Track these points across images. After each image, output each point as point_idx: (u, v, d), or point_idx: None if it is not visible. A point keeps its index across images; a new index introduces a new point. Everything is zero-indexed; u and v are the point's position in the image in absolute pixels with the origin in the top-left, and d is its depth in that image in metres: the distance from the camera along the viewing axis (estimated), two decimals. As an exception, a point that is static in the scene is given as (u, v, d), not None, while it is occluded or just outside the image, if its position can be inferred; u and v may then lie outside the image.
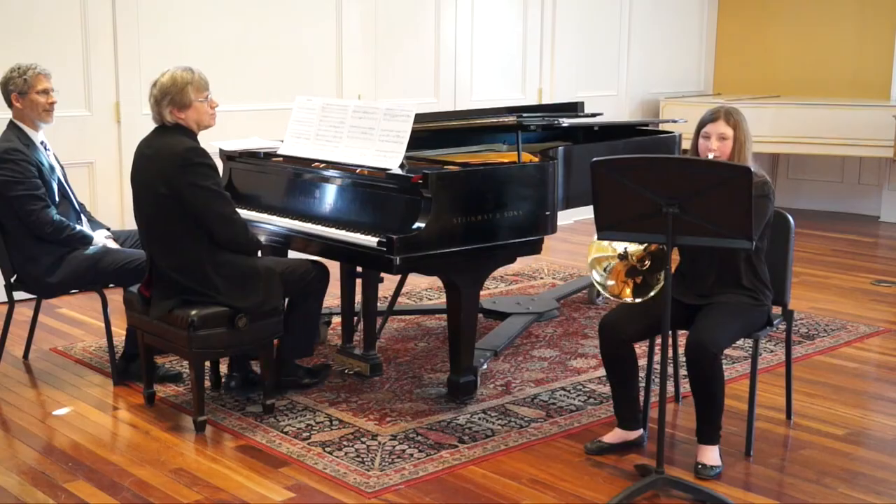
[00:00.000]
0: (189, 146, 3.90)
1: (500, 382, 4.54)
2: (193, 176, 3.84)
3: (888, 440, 3.98)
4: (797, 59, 8.72)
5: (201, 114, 4.00)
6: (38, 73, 4.38)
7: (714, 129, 3.66)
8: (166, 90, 3.94)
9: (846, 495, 3.49)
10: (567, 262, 7.02)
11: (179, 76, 3.96)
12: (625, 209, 3.39)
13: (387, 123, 4.29)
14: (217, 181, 3.93)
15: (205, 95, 4.01)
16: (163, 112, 3.96)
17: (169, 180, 3.85)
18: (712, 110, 3.73)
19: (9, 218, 4.32)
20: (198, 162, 3.87)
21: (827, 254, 7.19)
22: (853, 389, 4.54)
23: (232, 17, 6.49)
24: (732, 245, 3.32)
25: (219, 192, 3.92)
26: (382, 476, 3.56)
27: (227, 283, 3.92)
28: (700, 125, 3.72)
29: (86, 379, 4.59)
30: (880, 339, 5.32)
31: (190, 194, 3.84)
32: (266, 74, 6.62)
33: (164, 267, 3.94)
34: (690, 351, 3.56)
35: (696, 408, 3.68)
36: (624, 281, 3.65)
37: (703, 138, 3.69)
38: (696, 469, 3.61)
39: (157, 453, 3.78)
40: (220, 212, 3.90)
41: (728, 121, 3.66)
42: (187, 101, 3.95)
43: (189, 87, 3.95)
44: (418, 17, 7.51)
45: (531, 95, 8.28)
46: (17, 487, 3.48)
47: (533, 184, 4.32)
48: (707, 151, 3.65)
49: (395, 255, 3.93)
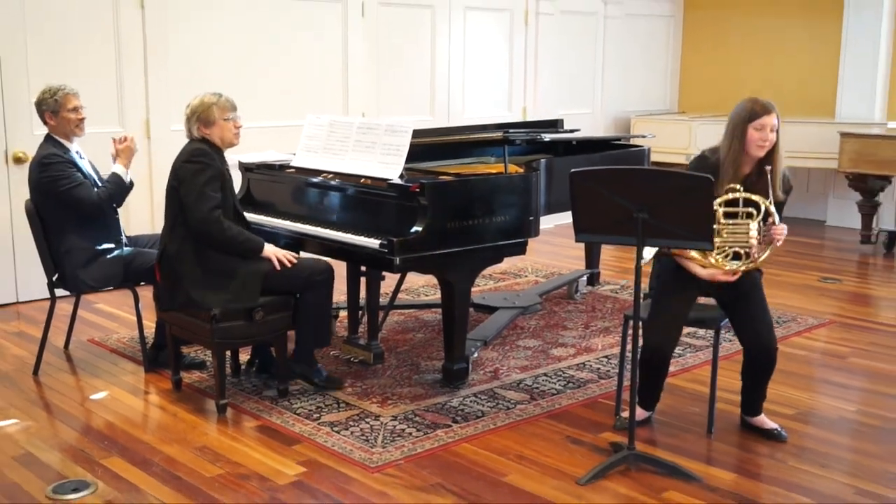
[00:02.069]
0: (197, 147, 3.98)
1: (490, 369, 4.55)
2: (189, 167, 3.93)
3: (832, 419, 4.00)
4: (752, 80, 8.73)
5: (225, 131, 4.04)
6: (66, 94, 4.37)
7: (770, 120, 3.49)
8: (195, 109, 4.03)
9: (795, 468, 3.50)
10: (549, 261, 7.03)
11: (207, 98, 4.05)
12: (600, 214, 3.39)
13: (388, 138, 4.30)
14: (207, 178, 3.91)
15: (229, 115, 4.05)
16: (192, 128, 4.04)
17: (175, 172, 3.99)
18: (763, 103, 3.52)
19: (50, 213, 4.31)
20: (196, 159, 3.94)
21: (780, 254, 7.18)
22: (802, 374, 4.56)
23: (249, 43, 6.49)
24: (695, 247, 3.34)
25: (199, 185, 3.90)
26: (384, 452, 3.57)
27: (204, 276, 3.94)
28: (751, 117, 3.50)
29: (120, 367, 4.59)
30: (826, 329, 5.34)
31: (181, 186, 3.93)
32: (279, 94, 6.62)
33: (168, 254, 4.02)
34: (762, 354, 3.62)
35: (752, 390, 3.73)
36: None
37: (755, 130, 3.49)
38: (777, 433, 3.70)
39: (183, 433, 3.78)
40: (192, 203, 3.89)
41: (777, 114, 3.53)
42: (212, 119, 4.00)
43: (214, 107, 4.01)
44: (415, 44, 7.52)
45: (516, 113, 8.28)
46: (59, 463, 3.49)
47: (518, 192, 4.33)
48: (761, 141, 3.50)
49: (396, 256, 3.93)
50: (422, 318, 5.47)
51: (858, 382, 4.49)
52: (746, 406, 3.83)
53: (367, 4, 7.08)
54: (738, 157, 3.56)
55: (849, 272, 6.75)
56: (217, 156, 4.02)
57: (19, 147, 5.55)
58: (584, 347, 4.92)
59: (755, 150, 3.54)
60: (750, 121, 3.52)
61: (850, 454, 3.65)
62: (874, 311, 5.83)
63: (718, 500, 3.24)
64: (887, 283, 6.49)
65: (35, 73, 5.47)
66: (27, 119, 5.33)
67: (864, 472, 3.47)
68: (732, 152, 3.56)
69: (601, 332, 5.20)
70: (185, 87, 6.17)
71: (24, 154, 5.46)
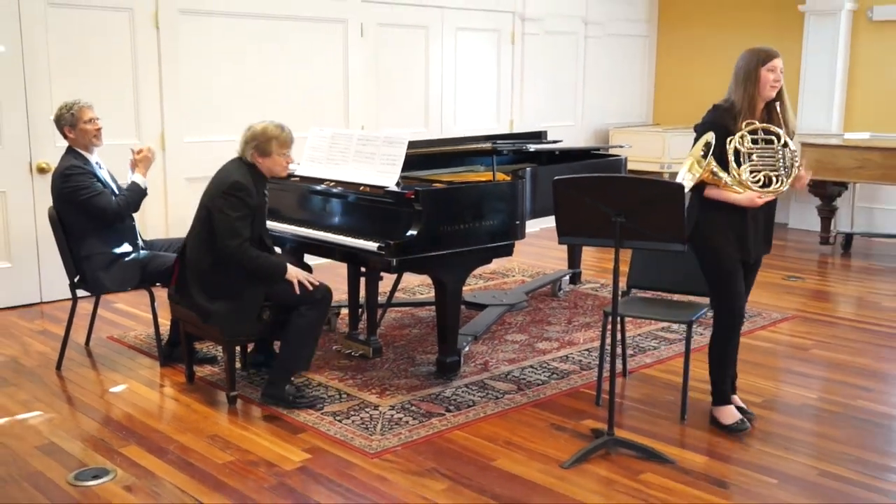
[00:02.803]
0: (240, 182, 3.81)
1: (480, 362, 4.55)
2: (227, 201, 3.79)
3: (796, 406, 4.01)
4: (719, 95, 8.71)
5: (276, 164, 3.91)
6: (82, 107, 4.34)
7: (779, 63, 3.49)
8: (256, 136, 3.87)
9: (762, 451, 3.51)
10: (534, 262, 7.03)
11: (271, 130, 3.87)
12: (580, 218, 3.40)
13: (385, 149, 4.29)
14: (242, 214, 3.78)
15: (285, 152, 3.91)
16: (246, 151, 3.89)
17: (212, 196, 3.85)
18: (768, 49, 3.51)
19: (72, 220, 4.29)
20: (232, 196, 3.79)
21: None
22: (768, 365, 4.57)
23: (257, 61, 6.47)
24: (667, 248, 3.34)
25: (233, 219, 3.77)
26: (383, 439, 3.56)
27: (212, 287, 3.86)
28: (765, 59, 3.48)
29: (137, 362, 4.57)
30: (789, 323, 5.35)
31: (216, 213, 3.81)
32: (285, 108, 6.59)
33: (188, 255, 3.96)
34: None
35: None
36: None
37: (769, 71, 3.47)
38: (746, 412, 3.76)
39: (196, 423, 3.77)
40: (223, 234, 3.77)
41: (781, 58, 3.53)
42: (269, 151, 3.87)
43: (274, 142, 3.86)
44: (411, 61, 7.51)
45: (504, 125, 8.28)
46: (81, 452, 3.47)
47: (505, 198, 4.33)
48: (774, 82, 3.49)
49: (393, 258, 3.93)
50: (417, 315, 5.47)
51: (820, 372, 4.50)
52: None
53: (365, 25, 7.08)
54: (753, 100, 3.51)
55: (810, 271, 6.77)
56: (258, 187, 3.87)
57: (43, 158, 5.53)
58: (566, 341, 4.92)
59: (768, 91, 3.51)
60: (763, 63, 3.48)
61: (813, 438, 3.66)
62: (833, 306, 5.85)
63: (691, 481, 3.24)
64: (845, 281, 6.51)
65: (57, 91, 5.45)
66: (50, 133, 5.31)
67: (826, 454, 3.48)
68: (748, 96, 3.51)
69: (583, 327, 5.20)
70: (196, 103, 6.19)
71: (48, 165, 5.44)
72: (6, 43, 5.38)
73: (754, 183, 3.47)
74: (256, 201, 3.86)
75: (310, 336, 3.92)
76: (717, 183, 3.49)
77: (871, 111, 8.07)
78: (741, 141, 3.47)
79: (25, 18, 5.42)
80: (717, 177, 3.47)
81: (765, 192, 3.48)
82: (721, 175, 3.47)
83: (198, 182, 6.18)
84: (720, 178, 3.47)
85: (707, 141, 3.42)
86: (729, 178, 3.47)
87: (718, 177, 3.47)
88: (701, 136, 3.48)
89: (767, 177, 3.48)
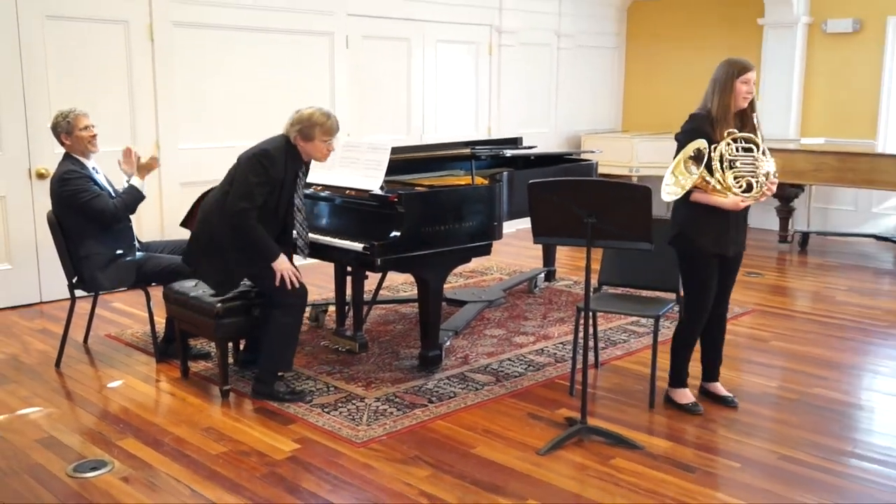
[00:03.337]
0: (268, 151, 3.74)
1: (460, 355, 4.55)
2: (249, 164, 3.73)
3: (756, 394, 4.04)
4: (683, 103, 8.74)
5: (317, 150, 3.83)
6: (77, 115, 4.29)
7: (753, 75, 3.51)
8: (302, 120, 3.78)
9: (725, 436, 3.53)
10: (511, 260, 7.04)
11: (317, 116, 3.78)
12: (554, 219, 3.40)
13: (370, 155, 4.28)
14: (260, 181, 3.69)
15: (327, 139, 3.82)
16: (291, 132, 3.80)
17: (244, 158, 3.78)
18: (744, 61, 3.51)
19: (71, 223, 4.24)
20: (258, 161, 3.72)
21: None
22: (730, 356, 4.58)
23: (247, 71, 6.44)
24: (636, 247, 3.35)
25: (251, 183, 3.69)
26: (369, 430, 3.55)
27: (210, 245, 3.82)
28: (739, 72, 3.49)
29: (133, 358, 4.53)
30: (750, 317, 5.39)
31: (239, 174, 3.74)
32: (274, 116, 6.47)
33: (203, 207, 3.91)
34: (720, 319, 3.79)
35: (710, 353, 3.85)
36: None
37: (742, 84, 3.49)
38: (730, 400, 3.82)
39: (190, 415, 3.75)
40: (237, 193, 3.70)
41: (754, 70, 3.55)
42: (312, 136, 3.79)
43: (318, 128, 3.78)
44: (393, 71, 7.49)
45: (482, 132, 8.29)
46: (80, 445, 3.44)
47: (484, 201, 4.33)
48: (746, 94, 3.50)
49: (377, 257, 3.92)
50: (401, 311, 5.46)
51: (779, 362, 4.53)
52: (707, 372, 3.89)
53: (351, 38, 7.06)
54: (727, 109, 3.53)
55: (769, 267, 6.83)
56: (289, 165, 3.77)
57: (42, 164, 5.48)
58: (542, 335, 4.93)
59: (741, 102, 3.53)
60: (738, 75, 3.50)
61: (773, 424, 3.69)
62: (791, 300, 5.90)
63: (659, 465, 3.26)
64: (802, 277, 6.57)
65: (55, 100, 5.40)
66: (48, 140, 5.25)
67: (785, 439, 3.51)
68: (723, 105, 3.52)
69: (557, 322, 5.21)
70: (190, 111, 6.15)
71: (46, 170, 5.38)
72: (6, 54, 5.32)
73: (738, 188, 3.51)
74: (281, 176, 3.75)
75: (288, 338, 3.86)
76: (705, 187, 3.53)
77: (826, 118, 8.16)
78: (727, 148, 3.50)
79: (24, 30, 5.37)
80: (707, 182, 3.51)
81: (747, 197, 3.52)
82: (709, 179, 3.51)
83: (192, 186, 6.17)
84: (708, 182, 3.51)
85: (698, 147, 3.44)
86: (715, 182, 3.51)
87: (707, 181, 3.51)
88: (685, 143, 3.50)
89: (749, 182, 3.52)
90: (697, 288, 3.67)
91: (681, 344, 3.79)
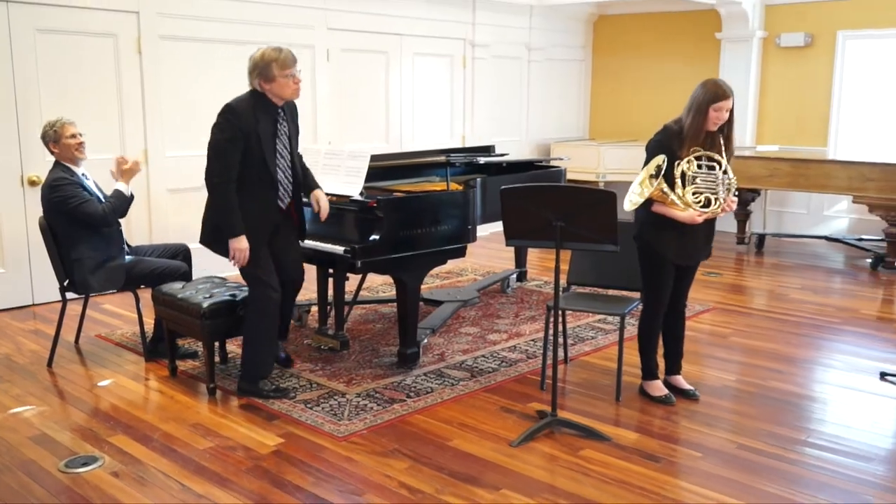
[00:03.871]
0: (229, 105, 3.57)
1: (437, 352, 4.54)
2: (216, 124, 3.60)
3: (717, 387, 4.07)
4: (647, 112, 8.86)
5: (283, 88, 3.58)
6: (63, 123, 4.23)
7: (728, 104, 3.48)
8: (256, 64, 3.56)
9: (687, 427, 3.56)
10: (485, 262, 7.04)
11: (268, 54, 3.55)
12: (525, 223, 3.41)
13: (350, 162, 4.27)
14: (229, 136, 3.51)
15: (288, 72, 3.56)
16: (253, 82, 3.60)
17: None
18: (724, 89, 3.47)
19: (62, 228, 4.19)
20: (222, 117, 3.57)
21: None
22: (691, 351, 4.61)
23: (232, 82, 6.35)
24: (603, 248, 3.36)
25: (220, 140, 3.54)
26: (350, 424, 3.54)
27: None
28: (713, 99, 3.46)
29: (123, 357, 4.48)
30: (710, 314, 5.44)
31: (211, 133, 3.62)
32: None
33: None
34: (679, 316, 3.83)
35: (671, 347, 3.88)
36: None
37: (715, 111, 3.47)
38: (692, 393, 3.86)
39: (178, 412, 3.71)
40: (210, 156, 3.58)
41: (732, 97, 3.51)
42: (271, 75, 3.55)
43: (273, 65, 3.53)
44: (372, 83, 7.48)
45: (457, 139, 8.29)
46: (71, 441, 3.39)
47: (458, 205, 4.33)
48: (717, 120, 3.49)
49: (357, 260, 3.91)
50: (380, 311, 5.44)
51: (737, 357, 4.57)
52: (669, 365, 3.92)
53: (331, 50, 7.03)
54: (699, 130, 3.53)
55: (727, 267, 6.89)
56: (258, 114, 3.55)
57: (33, 172, 5.40)
58: (514, 333, 4.94)
59: (711, 126, 3.54)
60: (712, 103, 3.49)
61: (732, 415, 3.72)
62: (748, 298, 5.96)
63: (626, 455, 3.27)
64: (758, 276, 6.64)
65: (47, 110, 5.32)
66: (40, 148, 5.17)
67: (743, 430, 3.54)
68: (695, 127, 3.52)
69: (528, 320, 5.22)
70: (177, 121, 6.09)
71: (38, 178, 5.30)
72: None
73: (696, 203, 3.55)
74: (251, 127, 3.54)
75: (263, 341, 3.77)
76: (664, 200, 3.56)
77: (780, 126, 8.26)
78: (688, 166, 3.53)
79: (16, 43, 5.29)
80: (665, 194, 3.53)
81: (704, 213, 3.55)
82: (668, 193, 3.53)
83: (179, 193, 6.11)
84: (667, 195, 3.54)
85: (658, 164, 3.48)
86: (675, 196, 3.54)
87: (666, 194, 3.53)
88: (652, 155, 3.54)
89: (707, 198, 3.56)
90: (655, 284, 3.72)
91: (644, 337, 3.83)
